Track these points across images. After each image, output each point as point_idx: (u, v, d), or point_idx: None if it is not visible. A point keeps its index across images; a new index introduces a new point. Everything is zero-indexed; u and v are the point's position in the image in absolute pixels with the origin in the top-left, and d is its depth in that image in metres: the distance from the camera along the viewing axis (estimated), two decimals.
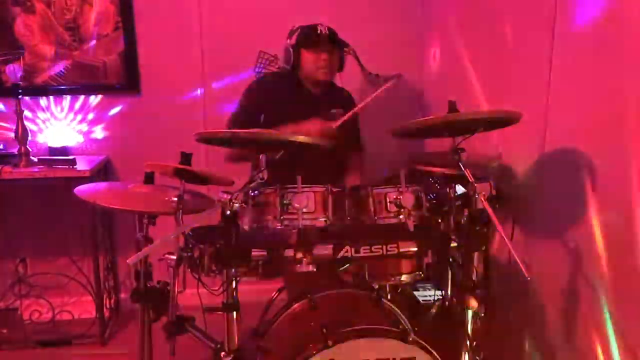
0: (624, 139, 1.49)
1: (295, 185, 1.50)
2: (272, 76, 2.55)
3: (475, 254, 1.53)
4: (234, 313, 1.49)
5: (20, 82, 2.51)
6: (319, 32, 2.26)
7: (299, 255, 1.46)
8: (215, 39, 2.81)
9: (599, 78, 1.59)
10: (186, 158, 1.69)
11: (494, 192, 1.47)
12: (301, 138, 1.47)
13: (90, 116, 2.82)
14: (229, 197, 1.40)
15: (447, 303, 1.79)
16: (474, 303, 1.48)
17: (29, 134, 2.56)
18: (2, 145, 2.67)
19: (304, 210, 1.49)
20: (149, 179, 1.86)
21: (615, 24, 1.53)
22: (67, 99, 2.79)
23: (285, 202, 1.51)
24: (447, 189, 1.55)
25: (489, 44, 2.25)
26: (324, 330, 1.51)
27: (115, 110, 2.83)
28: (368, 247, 1.51)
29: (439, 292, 1.82)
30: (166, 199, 1.66)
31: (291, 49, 2.28)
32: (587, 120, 1.65)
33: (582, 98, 1.67)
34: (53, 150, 2.73)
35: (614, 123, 1.53)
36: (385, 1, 2.92)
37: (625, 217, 1.49)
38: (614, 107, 1.53)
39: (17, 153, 2.52)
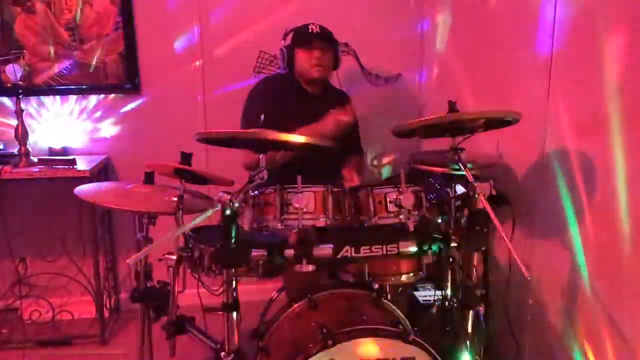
0: (624, 139, 1.50)
1: (295, 185, 1.50)
2: (271, 78, 2.55)
3: (475, 254, 1.53)
4: (234, 313, 1.49)
5: (20, 82, 2.51)
6: (310, 30, 2.27)
7: (299, 255, 1.46)
8: (215, 38, 2.81)
9: (599, 78, 1.59)
10: (186, 158, 1.69)
11: (494, 192, 1.47)
12: (301, 138, 1.47)
13: (90, 116, 2.82)
14: (229, 197, 1.39)
15: (447, 303, 1.79)
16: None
17: (29, 134, 2.56)
18: (2, 145, 2.67)
19: (304, 210, 1.49)
20: (149, 179, 1.86)
21: (615, 24, 1.53)
22: (67, 99, 2.79)
23: (285, 202, 1.51)
24: (447, 189, 1.55)
25: (488, 43, 2.25)
26: (324, 330, 1.51)
27: (115, 110, 2.83)
28: (368, 247, 1.51)
29: (439, 292, 1.82)
30: (166, 199, 1.66)
31: (285, 50, 2.31)
32: (587, 120, 1.65)
33: (582, 98, 1.67)
34: (53, 151, 2.73)
35: (614, 123, 1.53)
36: (385, 1, 2.92)
37: (625, 217, 1.49)
38: (614, 107, 1.53)
39: (17, 153, 2.52)
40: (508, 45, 2.09)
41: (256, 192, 1.55)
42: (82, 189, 1.82)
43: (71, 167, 2.47)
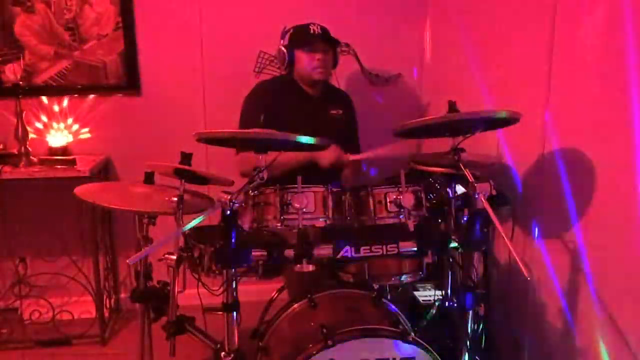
0: (623, 139, 1.49)
1: (295, 185, 1.50)
2: (269, 81, 2.51)
3: (475, 254, 1.53)
4: (234, 313, 1.49)
5: (20, 82, 2.51)
6: (311, 31, 2.22)
7: (299, 255, 1.46)
8: (215, 39, 2.81)
9: (599, 78, 1.59)
10: (186, 158, 1.69)
11: (494, 192, 1.47)
12: (301, 138, 1.47)
13: (90, 116, 2.81)
14: (229, 197, 1.40)
15: (447, 303, 1.79)
16: None
17: (29, 134, 2.56)
18: (2, 145, 2.67)
19: (304, 210, 1.49)
20: (149, 179, 1.86)
21: (615, 24, 1.53)
22: (67, 99, 2.78)
23: (285, 202, 1.51)
24: (447, 189, 1.55)
25: (489, 43, 2.25)
26: (324, 330, 1.51)
27: (115, 110, 2.83)
28: (368, 247, 1.51)
29: (439, 292, 1.82)
30: (166, 199, 1.66)
31: (285, 50, 2.25)
32: (587, 120, 1.65)
33: (582, 98, 1.67)
34: (53, 150, 2.73)
35: (614, 123, 1.53)
36: (385, 1, 2.92)
37: (625, 217, 1.49)
38: (614, 106, 1.53)
39: (17, 153, 2.52)
40: (508, 45, 2.08)
41: (256, 192, 1.55)
42: (82, 189, 1.82)
43: (71, 167, 2.47)
